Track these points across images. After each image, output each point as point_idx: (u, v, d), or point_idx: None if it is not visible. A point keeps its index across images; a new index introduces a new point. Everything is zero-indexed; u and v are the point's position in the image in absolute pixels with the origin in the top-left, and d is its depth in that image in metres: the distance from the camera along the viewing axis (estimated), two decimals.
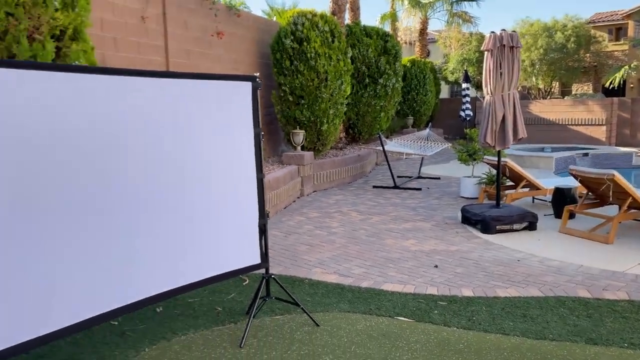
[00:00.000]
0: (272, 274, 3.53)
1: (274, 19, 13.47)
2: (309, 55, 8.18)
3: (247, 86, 3.27)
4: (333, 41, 8.60)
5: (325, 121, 8.56)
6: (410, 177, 9.70)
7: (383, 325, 3.41)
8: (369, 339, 3.22)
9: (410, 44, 20.07)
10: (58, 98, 2.36)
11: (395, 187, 8.66)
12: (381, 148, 9.02)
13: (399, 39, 18.94)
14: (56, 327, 2.38)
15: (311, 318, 3.45)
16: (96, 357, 3.00)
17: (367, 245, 5.33)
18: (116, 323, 3.44)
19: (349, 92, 9.04)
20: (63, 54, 3.28)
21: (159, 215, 2.85)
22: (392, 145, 9.60)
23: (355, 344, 3.15)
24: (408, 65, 15.47)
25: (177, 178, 2.93)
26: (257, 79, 3.32)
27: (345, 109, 9.20)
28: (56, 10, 3.21)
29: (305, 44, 8.21)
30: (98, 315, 2.56)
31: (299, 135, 8.23)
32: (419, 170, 9.95)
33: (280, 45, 8.35)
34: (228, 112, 3.18)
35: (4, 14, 3.01)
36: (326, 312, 3.63)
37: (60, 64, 2.38)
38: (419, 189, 8.51)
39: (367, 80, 10.82)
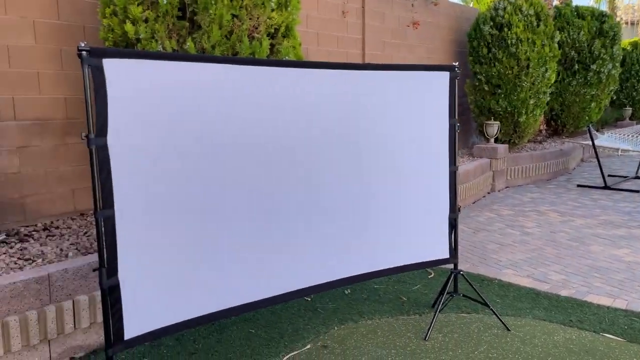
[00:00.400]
0: (461, 270, 3.43)
1: (471, 5, 12.91)
2: (509, 41, 7.66)
3: (445, 76, 3.20)
4: (538, 25, 7.90)
5: (523, 112, 7.94)
6: (625, 177, 8.47)
7: (586, 341, 3.06)
8: (569, 353, 2.92)
9: (633, 24, 17.40)
10: (275, 94, 2.61)
11: (606, 187, 7.65)
12: (590, 142, 8.04)
13: (618, 18, 16.57)
14: (263, 296, 2.66)
15: (501, 321, 3.26)
16: (291, 327, 3.28)
17: (568, 250, 4.82)
18: (309, 299, 3.71)
19: (553, 80, 8.24)
20: (276, 50, 3.61)
21: (354, 201, 2.98)
22: (605, 139, 8.48)
23: (552, 356, 2.89)
24: (628, 48, 13.45)
25: (374, 167, 3.02)
26: (456, 69, 3.22)
27: (548, 98, 8.40)
28: (272, 10, 3.54)
29: (505, 29, 7.70)
30: (298, 289, 2.79)
31: (493, 127, 7.78)
32: (638, 170, 8.62)
33: (477, 33, 7.98)
34: (424, 103, 3.15)
35: (230, 16, 3.42)
36: (518, 317, 3.40)
37: (275, 60, 2.63)
38: (637, 192, 7.38)
39: (576, 66, 9.72)
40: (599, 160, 7.95)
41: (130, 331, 2.17)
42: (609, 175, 8.47)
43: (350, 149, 2.94)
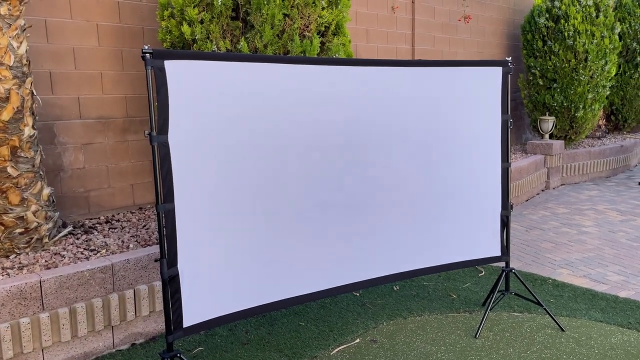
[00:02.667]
0: (513, 269, 3.37)
1: None
2: (566, 33, 7.39)
3: (497, 71, 3.15)
4: (597, 16, 7.57)
5: (581, 106, 7.65)
6: None
7: None
8: (627, 355, 2.83)
9: None
10: (326, 92, 2.66)
11: None
12: None
13: None
14: (315, 289, 2.72)
15: (555, 321, 3.19)
16: (341, 321, 3.33)
17: (628, 250, 4.63)
18: (358, 294, 3.75)
19: (613, 74, 7.88)
20: (326, 47, 3.66)
21: (404, 199, 2.99)
22: None
23: (609, 358, 2.80)
24: None
25: (424, 164, 3.02)
26: (509, 64, 3.16)
27: (608, 92, 8.05)
28: (323, 8, 3.58)
29: (562, 21, 7.44)
30: (349, 283, 2.84)
31: (548, 123, 7.54)
32: None
33: (532, 25, 7.74)
34: (476, 99, 3.12)
35: (282, 15, 3.49)
36: (573, 318, 3.31)
37: (326, 58, 2.67)
38: None
39: (638, 58, 9.24)
40: None
41: (189, 319, 2.28)
42: None
43: (402, 146, 2.95)
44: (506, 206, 3.28)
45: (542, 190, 7.31)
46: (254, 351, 2.98)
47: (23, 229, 3.11)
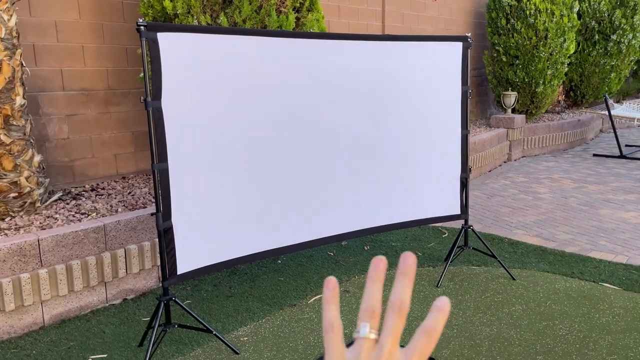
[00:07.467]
0: (471, 225, 3.73)
1: None
2: (527, 12, 7.75)
3: (458, 46, 3.45)
4: None
5: (541, 82, 8.07)
6: None
7: (585, 289, 3.36)
8: (567, 298, 3.23)
9: None
10: (303, 62, 2.91)
11: (622, 156, 7.79)
12: (607, 112, 8.15)
13: None
14: (289, 243, 3.02)
15: (507, 271, 3.57)
16: (317, 276, 3.64)
17: (577, 213, 5.08)
18: (332, 254, 4.06)
19: (572, 51, 8.31)
20: (301, 23, 3.89)
21: (374, 165, 3.29)
22: (622, 109, 8.57)
23: (552, 300, 3.20)
24: None
25: (391, 132, 3.31)
26: (469, 39, 3.46)
27: (567, 69, 8.49)
28: None
29: (524, 0, 7.79)
30: (322, 237, 3.14)
31: (511, 97, 7.94)
32: None
33: (496, 3, 8.08)
34: (439, 71, 3.41)
35: None
36: (524, 269, 3.70)
37: (303, 32, 2.91)
38: None
39: (596, 36, 9.72)
40: (615, 130, 8.08)
41: (182, 267, 2.54)
42: (626, 145, 8.59)
43: (372, 114, 3.23)
44: (465, 169, 3.62)
45: (505, 162, 7.75)
46: (238, 302, 3.26)
47: (17, 194, 3.29)
